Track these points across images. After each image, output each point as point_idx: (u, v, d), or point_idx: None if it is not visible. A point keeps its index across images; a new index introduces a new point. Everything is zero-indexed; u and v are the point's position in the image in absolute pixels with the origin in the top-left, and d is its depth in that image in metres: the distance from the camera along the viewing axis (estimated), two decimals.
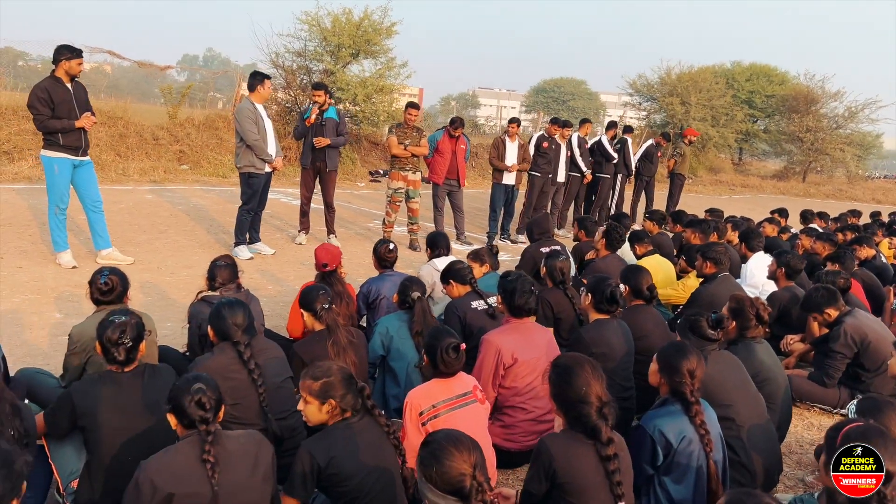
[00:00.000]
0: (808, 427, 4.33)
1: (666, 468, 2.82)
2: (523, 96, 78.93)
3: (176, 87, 17.30)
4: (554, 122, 10.46)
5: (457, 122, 8.91)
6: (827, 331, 4.64)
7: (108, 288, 3.36)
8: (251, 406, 2.96)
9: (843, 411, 4.46)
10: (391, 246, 4.74)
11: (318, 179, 8.27)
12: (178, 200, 10.69)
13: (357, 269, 6.90)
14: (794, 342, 5.22)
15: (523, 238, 9.96)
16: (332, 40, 17.13)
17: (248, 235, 7.62)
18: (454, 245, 8.33)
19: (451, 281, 4.28)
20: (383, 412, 2.64)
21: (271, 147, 7.31)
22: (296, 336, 4.26)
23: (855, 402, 3.51)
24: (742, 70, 35.43)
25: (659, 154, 11.97)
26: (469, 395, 3.03)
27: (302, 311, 3.61)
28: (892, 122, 64.38)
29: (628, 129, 11.82)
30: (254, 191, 7.33)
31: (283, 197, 12.22)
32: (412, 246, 8.85)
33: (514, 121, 9.84)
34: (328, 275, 4.50)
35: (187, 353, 4.06)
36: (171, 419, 2.27)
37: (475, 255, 4.99)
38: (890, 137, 45.85)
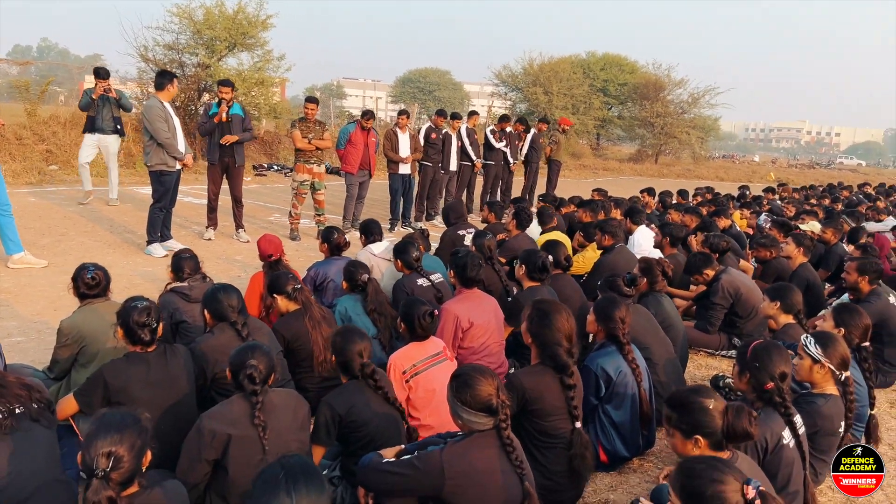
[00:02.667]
0: (699, 367, 5.20)
1: (608, 398, 3.48)
2: (389, 86, 79.35)
3: (27, 82, 16.26)
4: (440, 113, 11.09)
5: (368, 115, 9.30)
6: (706, 288, 5.56)
7: (95, 282, 3.57)
8: None
9: (723, 353, 5.38)
10: (345, 234, 5.16)
11: (224, 175, 8.38)
12: (65, 202, 10.33)
13: None
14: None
15: (421, 224, 10.54)
16: (207, 33, 16.81)
17: (160, 233, 7.65)
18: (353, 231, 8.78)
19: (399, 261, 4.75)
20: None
21: (181, 144, 7.38)
22: None
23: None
24: (597, 60, 37.80)
25: (542, 140, 12.89)
26: (441, 355, 3.54)
27: (275, 296, 3.96)
28: (728, 106, 70.50)
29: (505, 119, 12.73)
30: (166, 188, 7.37)
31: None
32: (319, 235, 9.13)
33: (404, 113, 10.36)
34: (275, 264, 4.81)
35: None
36: (228, 376, 2.63)
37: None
38: (726, 121, 50.66)
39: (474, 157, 11.47)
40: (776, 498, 1.93)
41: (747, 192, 12.92)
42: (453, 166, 11.14)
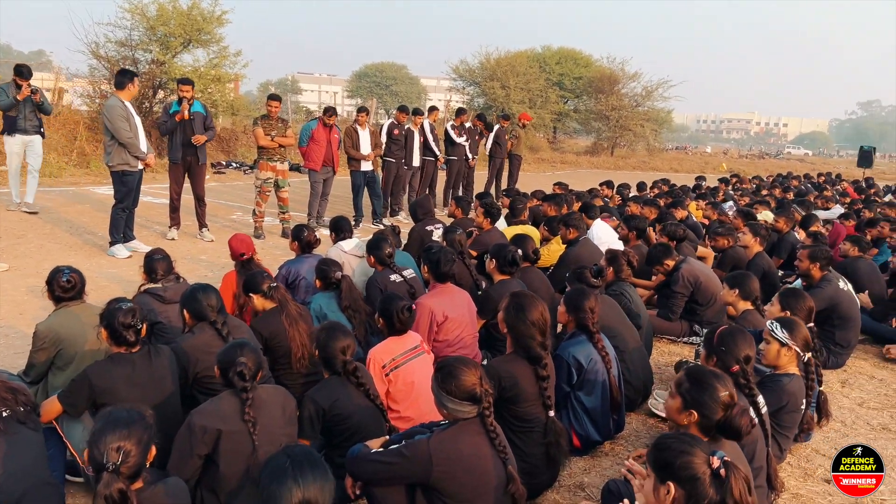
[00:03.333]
0: (662, 353, 5.39)
1: (579, 385, 3.62)
2: (346, 81, 78.75)
3: None
4: (402, 109, 11.18)
5: (330, 112, 9.32)
6: (666, 278, 5.76)
7: (71, 285, 3.56)
8: None
9: (685, 339, 5.59)
10: (315, 232, 5.20)
11: (186, 174, 8.32)
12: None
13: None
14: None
15: (388, 220, 10.59)
16: (161, 29, 16.52)
17: (122, 234, 7.55)
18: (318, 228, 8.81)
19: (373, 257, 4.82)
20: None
21: (143, 144, 7.30)
22: None
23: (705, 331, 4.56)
24: (552, 54, 38.06)
25: (506, 136, 13.04)
26: (419, 348, 3.64)
27: (250, 295, 3.99)
28: (681, 99, 72.37)
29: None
30: (128, 189, 7.29)
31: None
32: (284, 234, 9.12)
33: (363, 110, 10.43)
34: (247, 263, 4.84)
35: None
36: (217, 372, 2.68)
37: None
38: (678, 113, 51.78)
39: (437, 153, 11.56)
40: (739, 468, 2.07)
41: (703, 184, 13.29)
42: (416, 162, 11.22)
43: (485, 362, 4.30)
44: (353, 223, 10.09)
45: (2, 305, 5.55)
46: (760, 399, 2.98)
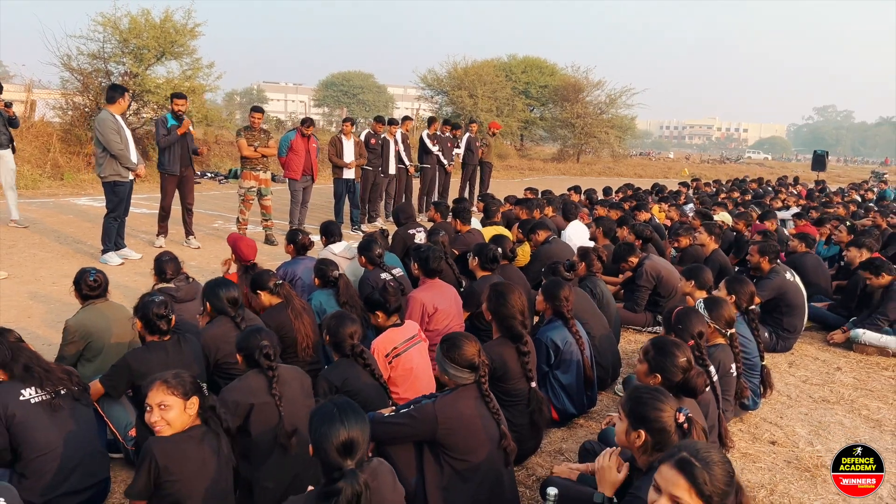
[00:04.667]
0: (629, 342, 5.90)
1: (556, 364, 4.09)
2: (312, 90, 78.80)
3: None
4: (377, 119, 11.62)
5: (308, 122, 9.71)
6: (632, 274, 6.28)
7: (97, 284, 3.93)
8: None
9: (649, 329, 6.11)
10: (309, 236, 5.61)
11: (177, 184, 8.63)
12: (2, 214, 10.27)
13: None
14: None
15: (366, 227, 10.99)
16: (134, 42, 16.71)
17: (114, 242, 7.84)
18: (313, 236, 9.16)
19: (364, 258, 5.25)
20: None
21: (133, 155, 7.62)
22: None
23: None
24: (518, 63, 38.77)
25: (478, 143, 13.53)
26: (416, 337, 4.07)
27: (258, 292, 4.39)
28: (644, 106, 74.08)
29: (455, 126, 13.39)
30: (120, 198, 7.60)
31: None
32: (268, 240, 9.48)
33: (348, 120, 10.83)
34: (251, 267, 5.21)
35: None
36: (240, 359, 3.08)
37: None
38: (641, 119, 53.03)
39: (407, 162, 11.99)
40: (699, 423, 2.54)
41: (664, 189, 13.95)
42: (392, 170, 11.64)
43: None
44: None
45: (9, 310, 5.84)
46: (712, 368, 3.48)
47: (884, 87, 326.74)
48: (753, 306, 4.50)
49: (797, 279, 5.93)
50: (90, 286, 3.93)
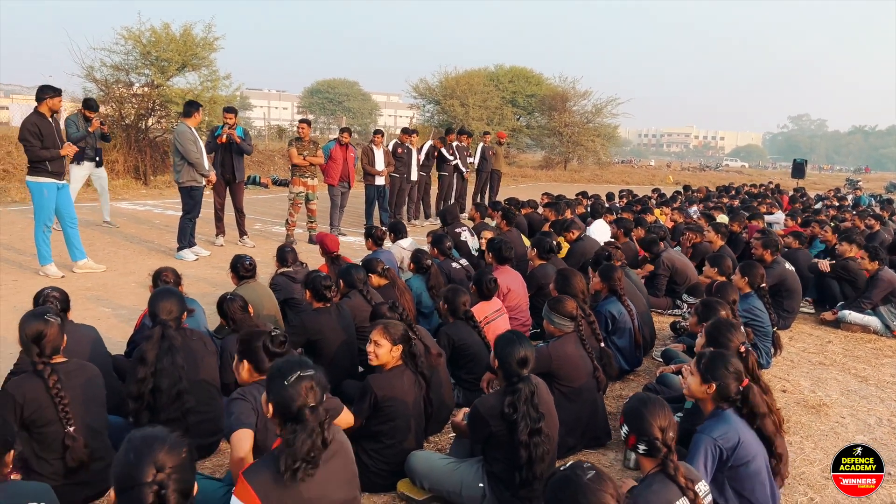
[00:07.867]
0: (655, 322, 6.97)
1: (613, 331, 5.14)
2: (297, 97, 79.42)
3: None
4: (405, 131, 12.65)
5: (346, 131, 10.73)
6: (653, 267, 7.37)
7: (252, 266, 4.97)
8: None
9: (669, 312, 7.19)
10: (383, 228, 6.62)
11: (227, 189, 9.55)
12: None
13: None
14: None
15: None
16: (158, 54, 17.52)
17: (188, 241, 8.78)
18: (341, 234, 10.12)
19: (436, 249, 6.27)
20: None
21: (206, 163, 8.57)
22: None
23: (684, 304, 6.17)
24: (505, 72, 39.55)
25: (491, 152, 14.62)
26: (501, 310, 5.10)
27: (369, 275, 5.37)
28: (629, 115, 75.69)
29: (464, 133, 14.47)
30: (195, 201, 8.55)
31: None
32: (311, 240, 10.42)
33: (379, 132, 11.87)
34: (337, 258, 6.19)
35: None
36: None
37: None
38: (622, 127, 54.45)
39: (463, 169, 13.41)
40: (753, 354, 3.53)
41: (664, 194, 15.14)
42: (414, 176, 12.69)
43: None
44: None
45: (127, 296, 6.76)
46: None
47: (856, 96, 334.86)
48: (764, 284, 5.58)
49: (793, 269, 7.04)
50: (246, 268, 4.93)
